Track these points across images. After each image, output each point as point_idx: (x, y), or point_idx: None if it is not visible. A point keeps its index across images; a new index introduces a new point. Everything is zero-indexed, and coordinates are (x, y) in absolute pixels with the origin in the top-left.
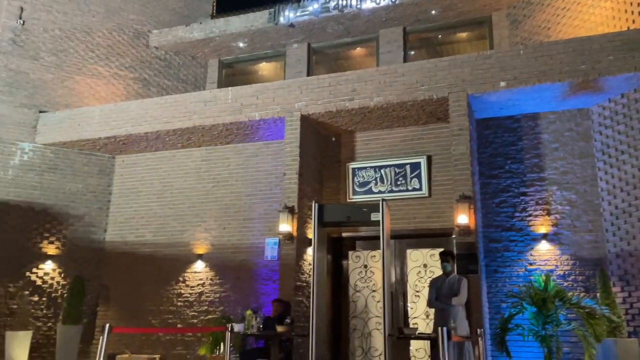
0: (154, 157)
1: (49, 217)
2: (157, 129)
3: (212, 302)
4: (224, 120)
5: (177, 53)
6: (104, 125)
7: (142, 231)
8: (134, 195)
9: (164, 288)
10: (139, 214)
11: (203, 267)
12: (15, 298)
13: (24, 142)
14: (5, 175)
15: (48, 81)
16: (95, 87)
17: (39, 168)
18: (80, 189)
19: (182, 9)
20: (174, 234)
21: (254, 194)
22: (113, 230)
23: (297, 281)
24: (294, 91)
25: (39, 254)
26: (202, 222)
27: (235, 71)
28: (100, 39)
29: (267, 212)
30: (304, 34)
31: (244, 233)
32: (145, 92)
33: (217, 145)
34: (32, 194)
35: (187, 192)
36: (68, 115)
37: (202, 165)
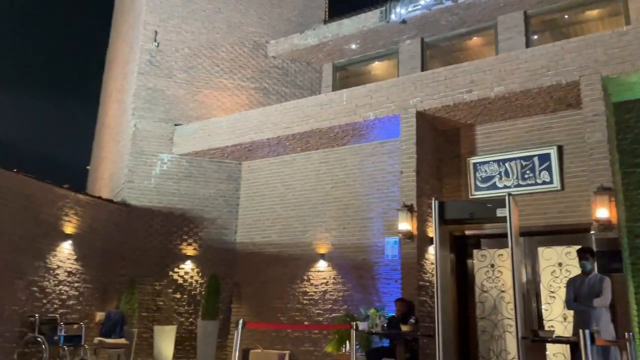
0: (276, 161)
1: (187, 220)
2: (278, 135)
3: (336, 301)
4: (339, 122)
5: (293, 60)
6: (231, 134)
7: (268, 232)
8: (259, 198)
9: (290, 286)
10: (265, 216)
11: (325, 267)
12: (161, 295)
13: (163, 154)
14: (149, 184)
15: (181, 96)
16: (222, 98)
17: (176, 176)
18: (212, 194)
19: (297, 17)
20: (296, 234)
21: (372, 193)
22: (242, 231)
23: (420, 281)
24: (408, 88)
25: (180, 254)
26: (323, 222)
27: (348, 73)
28: (224, 53)
29: (386, 211)
30: (416, 29)
31: (364, 232)
32: (266, 100)
33: (334, 147)
34: (172, 200)
35: (308, 194)
36: (199, 127)
37: (320, 167)
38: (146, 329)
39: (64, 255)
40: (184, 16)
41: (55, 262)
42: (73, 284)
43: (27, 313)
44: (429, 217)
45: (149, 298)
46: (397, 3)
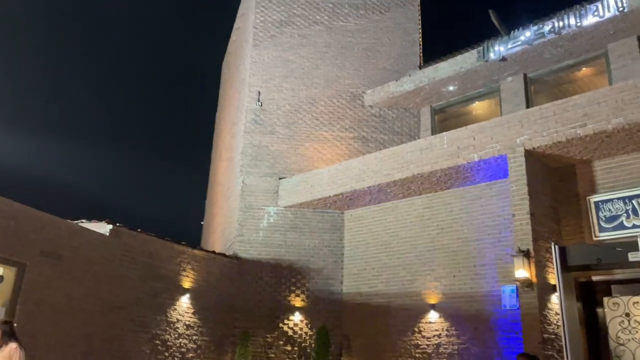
0: (378, 209)
1: (294, 272)
2: (378, 182)
3: (451, 355)
4: (441, 165)
5: (390, 107)
6: (332, 184)
7: (374, 282)
8: (364, 247)
9: (401, 339)
10: (370, 265)
11: (437, 318)
12: (272, 347)
13: (269, 207)
14: (258, 237)
15: (284, 151)
16: (322, 150)
17: (282, 228)
18: (316, 244)
19: (392, 65)
20: (404, 283)
21: (482, 238)
22: (348, 282)
23: (544, 333)
24: (514, 126)
25: (289, 306)
26: (431, 270)
27: (447, 115)
28: (322, 107)
29: (499, 257)
30: (517, 66)
31: (476, 281)
32: (365, 148)
33: (438, 191)
34: (279, 251)
35: (413, 241)
36: (301, 179)
37: (424, 213)
38: None
39: (182, 309)
40: (284, 75)
41: (175, 316)
42: (192, 337)
43: None
44: (548, 263)
45: (261, 350)
46: (495, 41)
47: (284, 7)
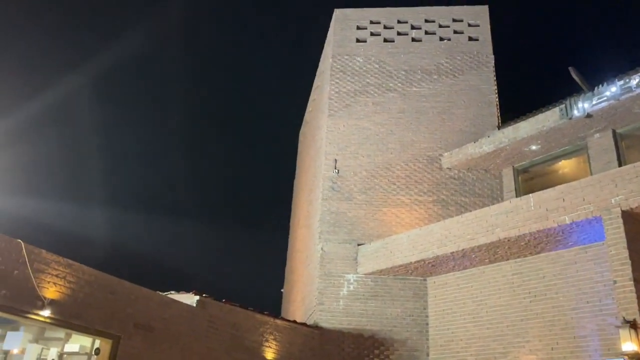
0: (463, 275)
1: (377, 343)
2: (462, 247)
3: None
4: (529, 229)
5: (469, 169)
6: (412, 250)
7: (463, 354)
8: (449, 316)
9: None
10: (457, 337)
11: None
12: None
13: (349, 274)
14: (338, 305)
15: (361, 217)
16: (400, 215)
17: (362, 296)
18: (399, 313)
19: (468, 127)
20: (496, 356)
21: (580, 307)
22: (435, 354)
23: None
24: (607, 185)
25: None
26: (525, 342)
27: (532, 175)
28: (399, 171)
29: (602, 328)
30: (605, 121)
31: (577, 354)
32: (445, 212)
33: (527, 256)
34: (361, 321)
35: (503, 310)
36: (381, 245)
37: (514, 280)
38: None
39: None
40: (360, 142)
41: None
42: None
43: None
44: None
45: None
46: (577, 98)
47: (357, 77)
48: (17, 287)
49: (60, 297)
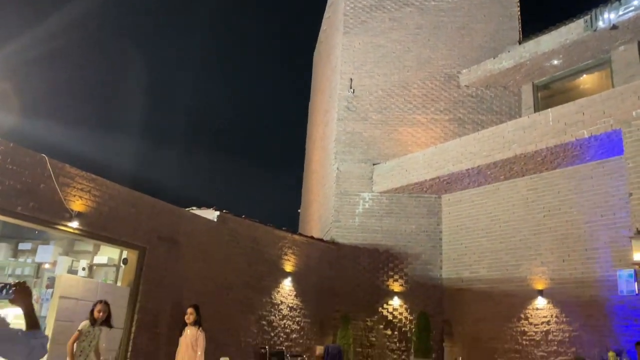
0: (477, 192)
1: (391, 257)
2: (478, 164)
3: (562, 342)
4: (546, 144)
5: (487, 87)
6: (428, 168)
7: (476, 267)
8: (463, 232)
9: (506, 325)
10: (470, 250)
11: (545, 304)
12: (372, 331)
13: (364, 192)
14: (354, 222)
15: (377, 137)
16: (416, 134)
17: (377, 214)
18: (413, 229)
19: (487, 42)
20: (508, 268)
21: (594, 220)
22: (448, 267)
23: None
24: (629, 98)
25: (387, 291)
26: (537, 255)
27: (551, 92)
28: (415, 90)
29: (614, 240)
30: (631, 33)
31: (588, 265)
32: (461, 130)
33: (543, 172)
34: (376, 237)
35: (516, 225)
36: (396, 164)
37: (528, 195)
38: None
39: (285, 291)
40: (376, 60)
41: (278, 298)
42: (295, 318)
43: (258, 345)
44: None
45: (361, 334)
46: (604, 9)
47: None
48: (44, 200)
49: (86, 209)
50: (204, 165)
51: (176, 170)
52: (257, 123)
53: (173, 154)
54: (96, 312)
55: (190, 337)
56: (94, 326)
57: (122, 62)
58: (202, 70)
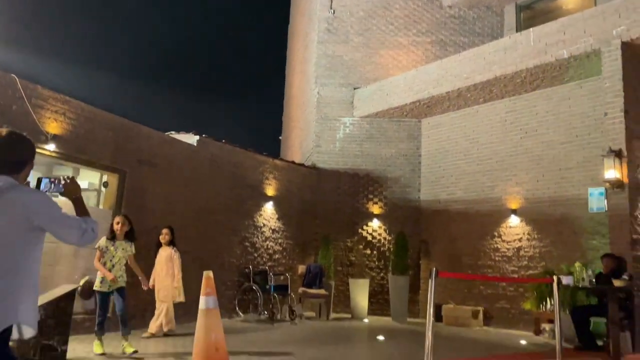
0: (457, 115)
1: (371, 181)
2: (458, 87)
3: (532, 257)
4: (527, 65)
5: (470, 7)
6: (408, 91)
7: (453, 189)
8: (442, 155)
9: (480, 243)
10: (448, 173)
11: (518, 222)
12: (352, 251)
13: (345, 117)
14: (334, 147)
15: (358, 60)
16: (398, 57)
17: (358, 139)
18: (393, 153)
19: None
20: (484, 189)
21: (569, 141)
22: (426, 189)
23: (634, 234)
24: (610, 16)
25: (367, 213)
26: (513, 176)
27: (534, 12)
28: (397, 10)
29: (587, 160)
30: None
31: (561, 185)
32: (443, 53)
33: (522, 93)
34: (356, 161)
35: (494, 147)
36: (377, 88)
37: (507, 117)
38: (342, 282)
39: (267, 214)
40: None
41: (261, 221)
42: (277, 240)
43: (242, 265)
44: None
45: (342, 254)
46: None
47: None
48: (18, 122)
49: (62, 132)
50: (181, 97)
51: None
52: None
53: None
54: (115, 225)
55: (165, 257)
56: (114, 241)
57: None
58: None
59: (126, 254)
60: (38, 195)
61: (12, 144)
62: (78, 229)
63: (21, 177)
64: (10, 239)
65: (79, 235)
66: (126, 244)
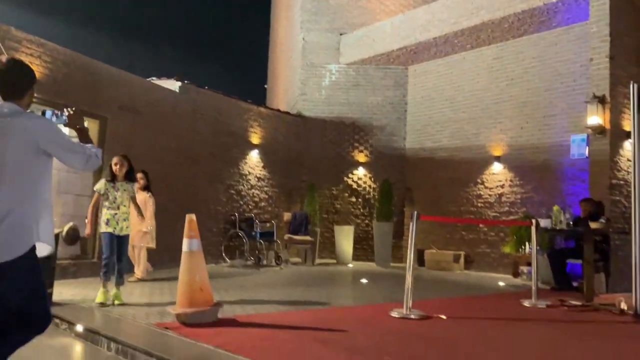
0: (444, 62)
1: (357, 129)
2: (445, 32)
3: (513, 203)
4: (515, 9)
5: None
6: (395, 37)
7: (438, 137)
8: (428, 102)
9: (463, 190)
10: (434, 121)
11: (501, 169)
12: (338, 199)
13: (331, 64)
14: (320, 95)
15: (344, 4)
16: (384, 1)
17: (344, 86)
18: (379, 101)
19: None
20: (468, 137)
21: (554, 87)
22: (411, 137)
23: (612, 179)
24: None
25: (352, 161)
26: (497, 123)
27: None
28: None
29: (571, 107)
30: None
31: (544, 131)
32: None
33: (509, 39)
34: (342, 109)
35: (480, 94)
36: (364, 33)
37: (493, 64)
38: (327, 229)
39: (253, 162)
40: None
41: (246, 169)
42: (263, 188)
43: (228, 212)
44: (625, 109)
45: (327, 201)
46: None
47: None
48: None
49: (39, 76)
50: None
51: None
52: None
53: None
54: (113, 167)
55: (140, 201)
56: (115, 182)
57: None
58: None
59: (128, 195)
60: (44, 121)
61: (12, 70)
62: (83, 155)
63: (24, 103)
64: (23, 164)
65: (84, 161)
66: (127, 185)
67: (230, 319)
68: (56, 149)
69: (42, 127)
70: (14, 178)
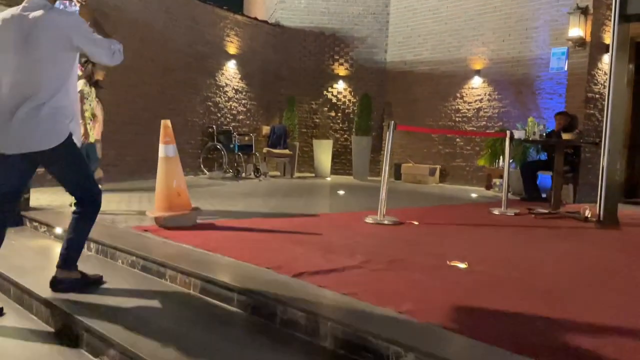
0: None
1: (337, 40)
2: None
3: (491, 118)
4: None
5: None
6: None
7: (419, 50)
8: (410, 14)
9: (442, 104)
10: (416, 33)
11: (481, 83)
12: (317, 113)
13: None
14: (300, 4)
15: None
16: None
17: None
18: (361, 11)
19: None
20: (450, 50)
21: None
22: (393, 50)
23: (588, 92)
24: None
25: (332, 75)
26: (480, 35)
27: None
28: None
29: (555, 19)
30: None
31: (526, 44)
32: None
33: None
34: (322, 19)
35: (463, 5)
36: None
37: None
38: (306, 143)
39: (230, 74)
40: None
41: (223, 80)
42: (240, 100)
43: (206, 124)
44: (607, 21)
45: (306, 116)
46: None
47: None
48: None
49: None
50: None
51: None
52: None
53: None
54: None
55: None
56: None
57: None
58: None
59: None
60: (74, 16)
61: None
62: (108, 49)
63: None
64: (56, 59)
65: (110, 55)
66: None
67: (208, 223)
68: (88, 44)
69: (74, 23)
70: (49, 73)
